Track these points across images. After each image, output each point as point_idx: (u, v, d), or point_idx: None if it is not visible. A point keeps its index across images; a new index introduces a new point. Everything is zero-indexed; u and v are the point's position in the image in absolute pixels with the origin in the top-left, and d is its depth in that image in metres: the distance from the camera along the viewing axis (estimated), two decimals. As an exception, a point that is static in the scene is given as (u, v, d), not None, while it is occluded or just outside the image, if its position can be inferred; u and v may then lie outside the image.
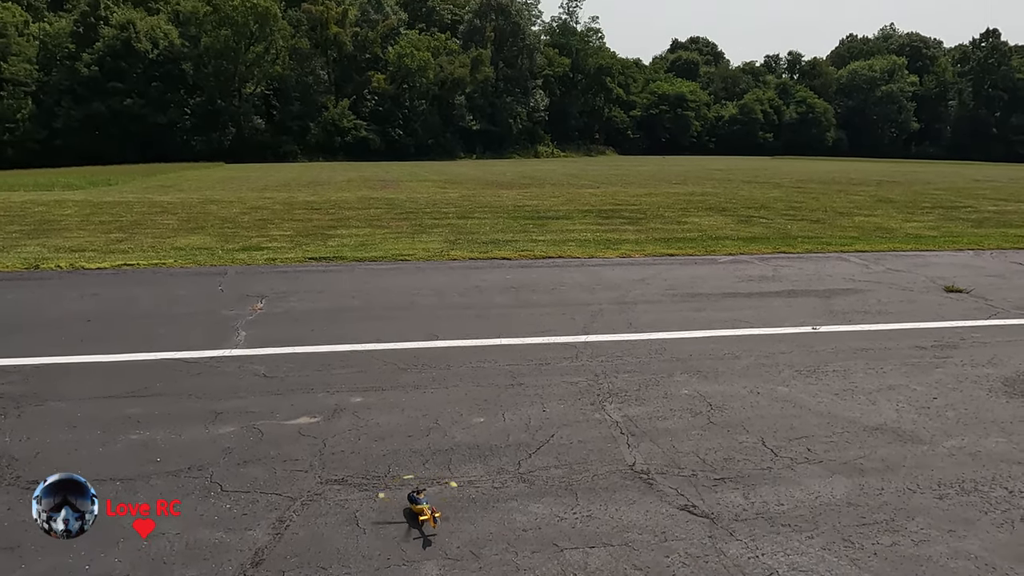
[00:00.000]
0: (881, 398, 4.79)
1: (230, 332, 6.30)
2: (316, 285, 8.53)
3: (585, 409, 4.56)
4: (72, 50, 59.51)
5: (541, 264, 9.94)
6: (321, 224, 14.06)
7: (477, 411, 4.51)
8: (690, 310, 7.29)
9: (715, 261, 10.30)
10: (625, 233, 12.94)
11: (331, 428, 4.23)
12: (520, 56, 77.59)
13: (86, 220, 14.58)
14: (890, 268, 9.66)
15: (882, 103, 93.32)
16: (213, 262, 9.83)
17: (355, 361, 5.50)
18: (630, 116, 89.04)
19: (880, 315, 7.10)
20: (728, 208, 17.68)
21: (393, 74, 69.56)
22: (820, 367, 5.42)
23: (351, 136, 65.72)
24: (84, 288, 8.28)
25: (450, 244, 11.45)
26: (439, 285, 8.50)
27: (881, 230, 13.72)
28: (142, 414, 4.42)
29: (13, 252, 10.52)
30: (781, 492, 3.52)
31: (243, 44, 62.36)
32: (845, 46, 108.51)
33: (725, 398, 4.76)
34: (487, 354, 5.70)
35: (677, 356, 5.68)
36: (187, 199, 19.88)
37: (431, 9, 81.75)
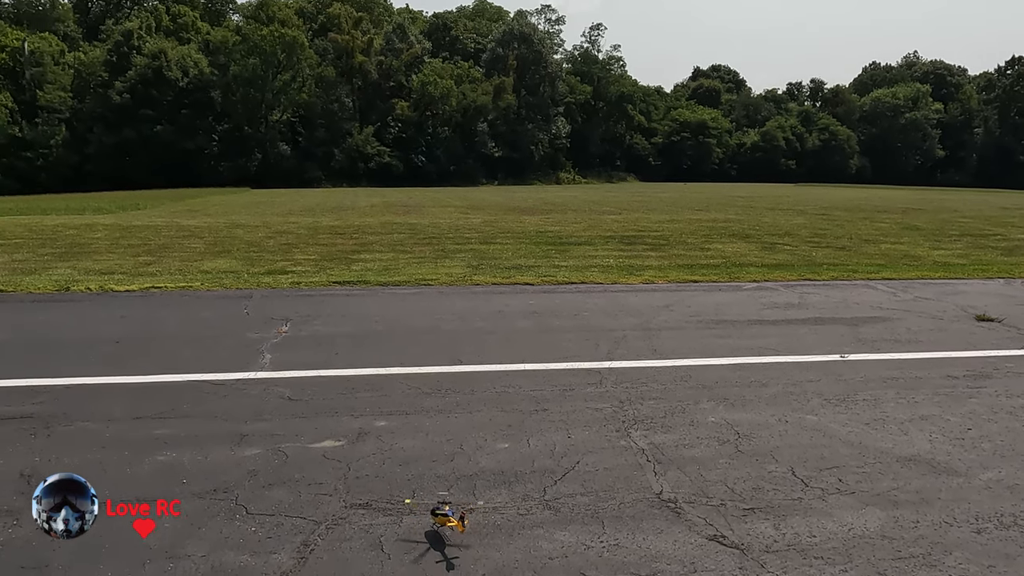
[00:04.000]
0: (913, 428, 4.69)
1: (255, 355, 6.34)
2: (340, 309, 8.58)
3: (610, 436, 4.51)
4: (105, 78, 61.06)
5: (564, 290, 9.92)
6: (345, 249, 14.19)
7: (502, 436, 4.48)
8: (715, 337, 7.22)
9: (739, 288, 10.22)
10: (648, 259, 12.90)
11: (355, 452, 4.23)
12: (542, 84, 78.26)
13: (115, 243, 14.84)
14: (919, 296, 9.52)
15: (906, 130, 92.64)
16: (239, 285, 9.93)
17: (379, 385, 5.50)
18: (651, 143, 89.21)
19: (910, 344, 6.98)
20: (752, 235, 17.58)
21: (416, 101, 70.47)
22: (850, 396, 5.32)
23: (374, 162, 66.51)
24: (113, 310, 8.40)
25: (473, 269, 11.49)
26: (462, 310, 8.51)
27: (908, 258, 13.56)
28: (169, 435, 4.44)
29: (45, 274, 10.72)
30: (813, 523, 3.44)
31: (271, 72, 63.62)
32: (868, 74, 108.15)
33: (753, 426, 4.69)
34: (511, 379, 5.67)
35: (703, 383, 5.62)
36: (214, 223, 20.18)
37: (455, 38, 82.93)
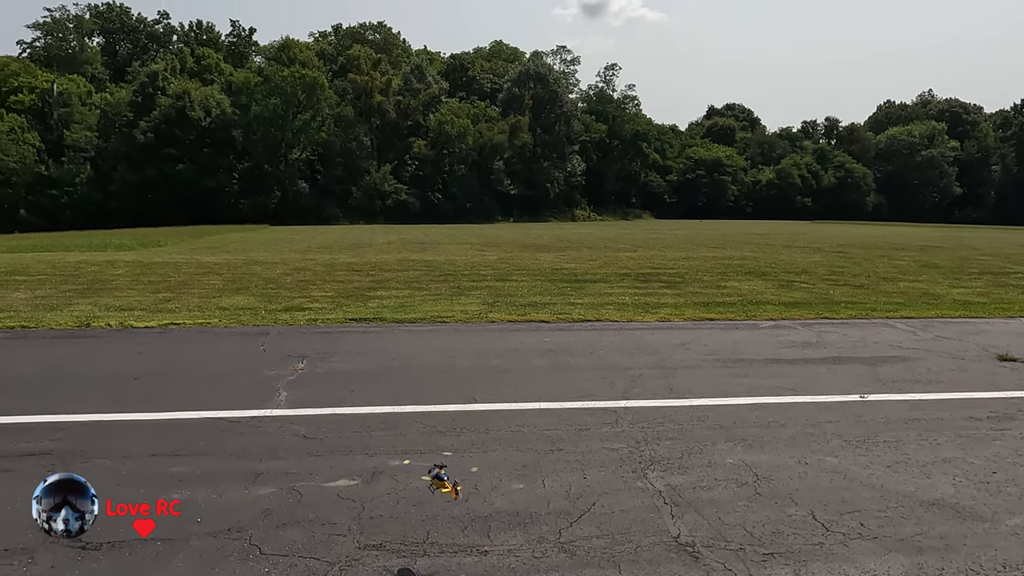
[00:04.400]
0: (936, 471, 4.60)
1: (271, 392, 6.37)
2: (356, 346, 8.61)
3: (627, 477, 4.46)
4: (130, 118, 62.62)
5: (579, 327, 9.90)
6: (362, 285, 14.28)
7: (516, 477, 4.45)
8: (732, 376, 7.16)
9: (756, 326, 10.15)
10: (664, 297, 12.87)
11: (370, 492, 4.20)
12: (558, 123, 79.12)
13: (136, 280, 15.04)
14: (939, 335, 9.40)
15: (923, 167, 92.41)
16: (256, 322, 10.01)
17: (394, 423, 5.49)
18: (666, 180, 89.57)
19: (931, 384, 6.88)
20: (768, 272, 17.51)
21: (434, 140, 71.46)
22: (870, 437, 5.24)
23: (391, 199, 67.28)
24: (132, 346, 8.48)
25: (488, 306, 11.51)
26: (477, 347, 8.51)
27: (927, 296, 13.42)
28: (185, 473, 4.45)
29: (67, 310, 10.87)
30: (834, 569, 3.37)
31: (291, 112, 64.96)
32: (883, 112, 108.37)
33: (772, 468, 4.62)
34: (526, 418, 5.65)
35: (720, 423, 5.56)
36: (233, 260, 20.42)
37: (471, 78, 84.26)
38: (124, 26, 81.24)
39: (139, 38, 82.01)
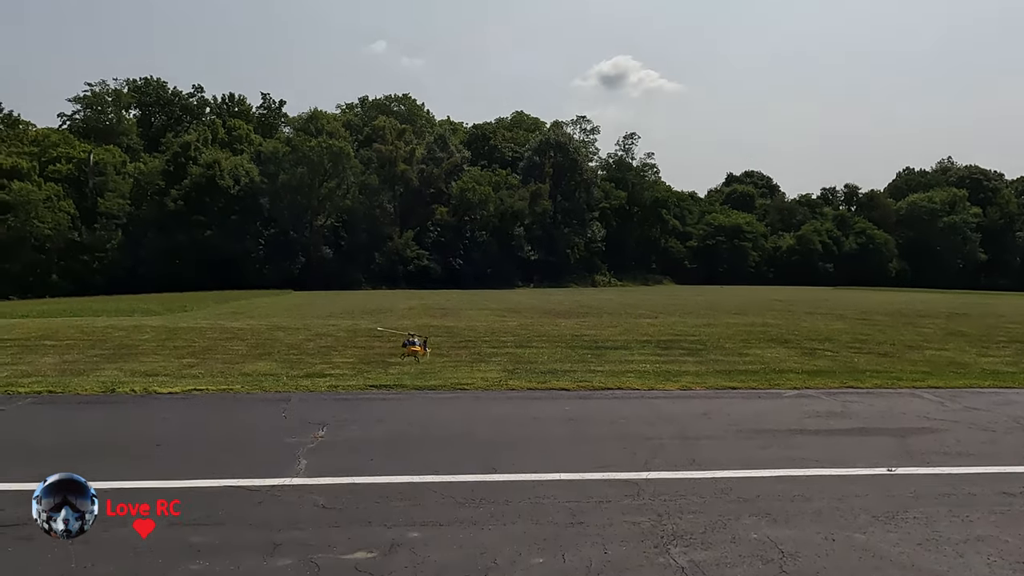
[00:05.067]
0: (970, 550, 4.47)
1: (292, 460, 6.37)
2: (376, 413, 8.62)
3: (648, 552, 4.38)
4: (162, 186, 64.60)
5: (600, 395, 9.84)
6: (383, 351, 14.34)
7: (536, 550, 4.38)
8: (756, 447, 7.05)
9: (780, 395, 10.02)
10: (685, 364, 12.77)
11: (388, 564, 4.16)
12: (578, 190, 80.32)
13: (161, 345, 15.25)
14: (968, 406, 9.21)
15: (945, 233, 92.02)
16: (278, 388, 10.08)
17: (413, 493, 5.46)
18: (687, 246, 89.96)
19: (961, 457, 6.72)
20: (791, 340, 17.34)
21: (456, 207, 72.75)
22: (899, 513, 5.11)
23: (413, 265, 68.15)
24: (155, 412, 8.56)
25: (508, 373, 11.50)
26: (497, 415, 8.48)
27: (955, 365, 13.20)
28: (203, 543, 4.43)
29: (92, 375, 11.03)
30: (865, 654, 3.25)
31: (317, 180, 66.65)
32: (903, 179, 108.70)
33: (797, 544, 4.51)
34: (546, 489, 5.59)
35: (744, 496, 5.45)
36: (256, 326, 20.66)
37: (493, 147, 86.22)
38: (160, 99, 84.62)
39: (174, 110, 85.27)
